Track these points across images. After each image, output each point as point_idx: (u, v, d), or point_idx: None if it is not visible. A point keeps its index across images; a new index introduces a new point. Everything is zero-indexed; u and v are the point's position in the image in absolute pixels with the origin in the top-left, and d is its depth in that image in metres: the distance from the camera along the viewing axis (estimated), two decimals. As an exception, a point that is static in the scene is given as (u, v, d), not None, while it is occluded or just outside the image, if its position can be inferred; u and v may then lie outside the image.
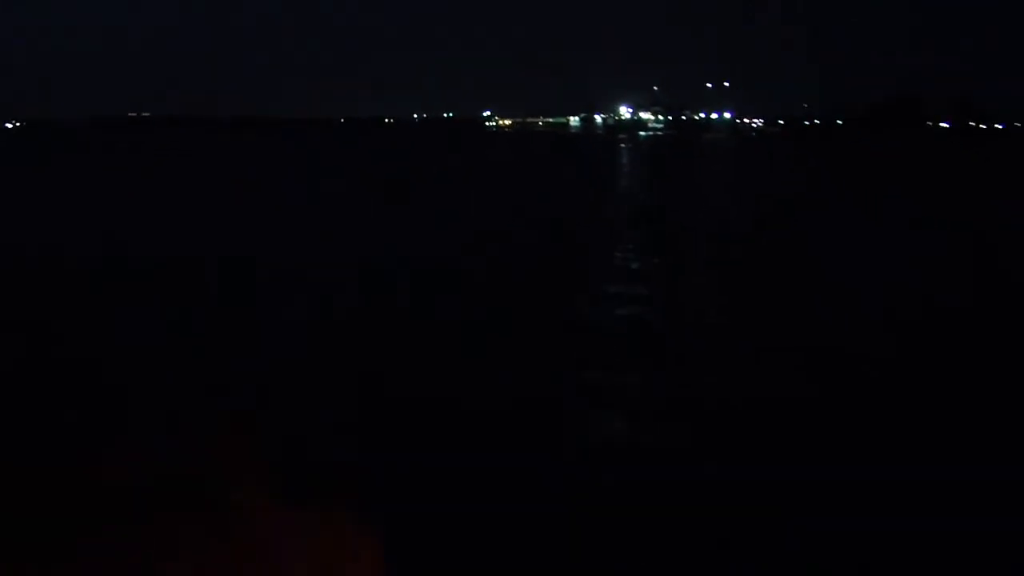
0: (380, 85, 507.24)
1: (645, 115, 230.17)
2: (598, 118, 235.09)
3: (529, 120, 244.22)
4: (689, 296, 19.91)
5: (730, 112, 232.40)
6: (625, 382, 12.76)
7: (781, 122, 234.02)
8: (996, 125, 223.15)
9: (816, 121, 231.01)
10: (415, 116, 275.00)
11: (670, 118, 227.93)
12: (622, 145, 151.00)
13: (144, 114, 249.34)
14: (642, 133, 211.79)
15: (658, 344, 15.22)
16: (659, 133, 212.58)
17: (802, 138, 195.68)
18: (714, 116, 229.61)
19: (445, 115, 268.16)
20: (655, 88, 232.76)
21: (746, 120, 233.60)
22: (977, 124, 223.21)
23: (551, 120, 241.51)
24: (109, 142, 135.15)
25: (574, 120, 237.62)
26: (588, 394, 12.03)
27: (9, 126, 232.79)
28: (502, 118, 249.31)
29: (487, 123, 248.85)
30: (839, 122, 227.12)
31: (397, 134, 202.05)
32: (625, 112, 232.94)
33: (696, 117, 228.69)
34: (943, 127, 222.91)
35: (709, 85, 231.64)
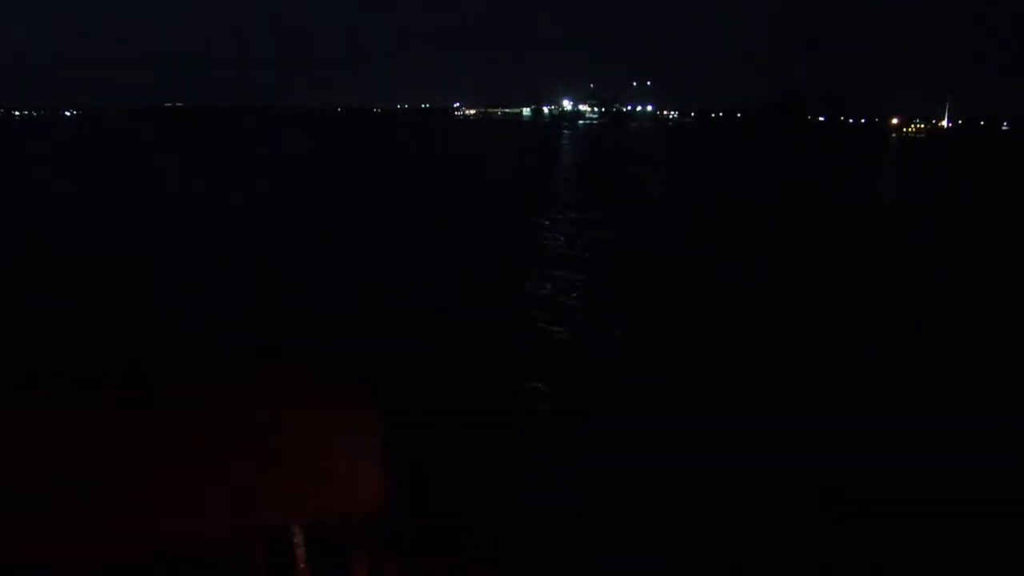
0: (367, 81, 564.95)
1: (583, 107, 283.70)
2: (545, 109, 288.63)
3: (490, 110, 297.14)
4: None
5: (651, 105, 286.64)
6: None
7: (692, 114, 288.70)
8: (862, 120, 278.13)
9: (720, 113, 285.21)
10: (398, 106, 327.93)
11: (603, 109, 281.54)
12: (565, 131, 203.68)
13: (178, 104, 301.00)
14: (580, 122, 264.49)
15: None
16: (594, 122, 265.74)
17: (705, 125, 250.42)
18: (639, 108, 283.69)
19: (423, 105, 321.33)
20: (591, 85, 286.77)
21: (664, 112, 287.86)
22: (846, 119, 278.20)
23: (508, 110, 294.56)
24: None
25: (526, 111, 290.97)
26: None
27: (68, 114, 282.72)
28: (468, 108, 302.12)
29: (455, 113, 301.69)
30: (738, 115, 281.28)
31: (386, 120, 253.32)
32: (567, 104, 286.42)
33: (624, 109, 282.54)
34: (820, 120, 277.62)
35: (635, 83, 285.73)
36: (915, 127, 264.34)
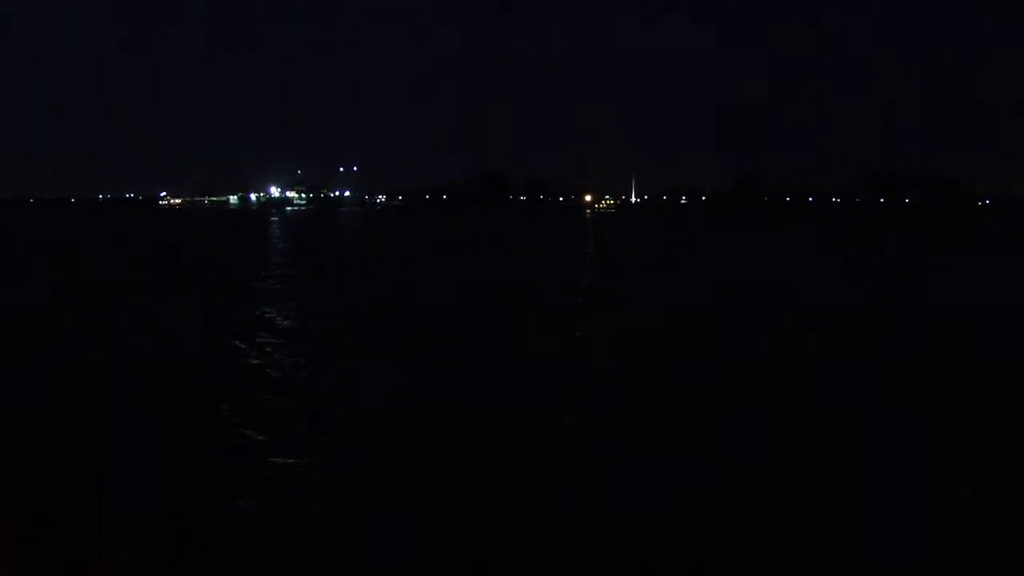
0: (67, 167, 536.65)
1: (291, 193, 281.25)
2: (252, 196, 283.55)
3: (196, 199, 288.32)
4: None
5: (359, 190, 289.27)
6: None
7: (400, 197, 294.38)
8: (560, 198, 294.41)
9: (427, 196, 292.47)
10: (99, 196, 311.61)
11: (311, 195, 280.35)
12: (273, 218, 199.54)
13: None
14: (288, 208, 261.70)
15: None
16: (302, 208, 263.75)
17: (413, 208, 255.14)
18: (347, 194, 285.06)
19: (127, 195, 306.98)
20: (299, 171, 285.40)
21: (371, 196, 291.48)
22: (546, 197, 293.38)
23: (214, 199, 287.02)
24: None
25: (233, 199, 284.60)
26: None
27: None
28: (174, 197, 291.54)
29: (160, 202, 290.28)
30: (444, 197, 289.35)
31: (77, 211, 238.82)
32: (275, 191, 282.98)
33: (332, 194, 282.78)
34: (522, 200, 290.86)
35: (341, 168, 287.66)
36: (606, 202, 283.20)
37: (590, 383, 17.43)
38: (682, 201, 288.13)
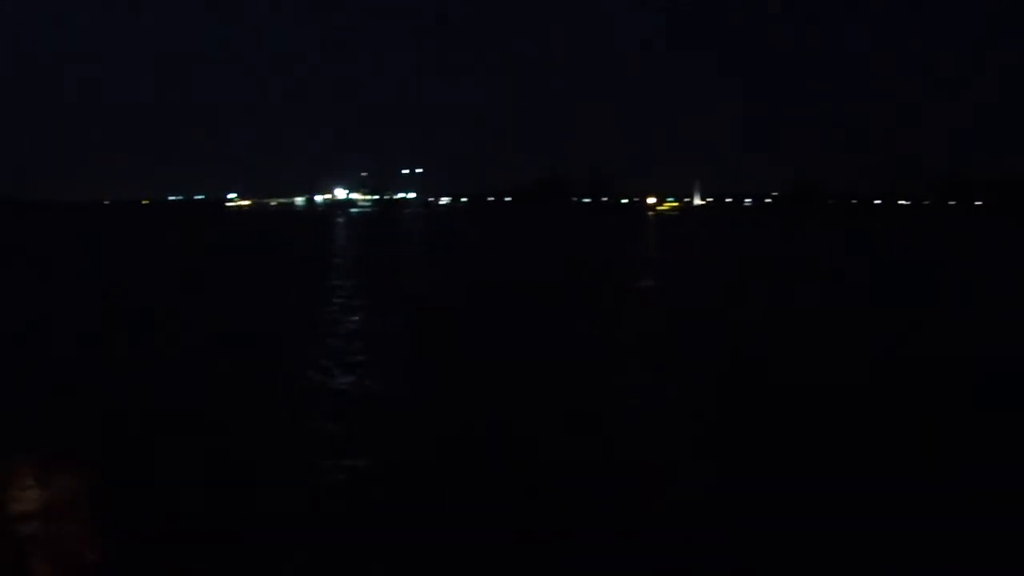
0: (139, 170, 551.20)
1: (355, 195, 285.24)
2: (318, 198, 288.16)
3: (264, 200, 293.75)
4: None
5: (422, 192, 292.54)
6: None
7: (464, 199, 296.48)
8: (623, 200, 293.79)
9: (491, 198, 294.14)
10: (170, 198, 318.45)
11: (376, 197, 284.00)
12: (339, 220, 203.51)
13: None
14: (353, 210, 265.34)
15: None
16: (367, 210, 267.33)
17: (477, 210, 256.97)
18: (410, 196, 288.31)
19: (195, 197, 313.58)
20: (363, 174, 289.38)
21: (435, 198, 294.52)
22: (608, 200, 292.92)
23: (282, 200, 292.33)
24: None
25: (299, 200, 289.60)
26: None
27: None
28: (242, 199, 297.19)
29: (227, 203, 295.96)
30: (507, 199, 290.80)
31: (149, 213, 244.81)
32: (340, 193, 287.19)
33: (395, 196, 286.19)
34: (585, 201, 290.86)
35: (405, 171, 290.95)
36: (669, 205, 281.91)
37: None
38: (745, 203, 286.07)
